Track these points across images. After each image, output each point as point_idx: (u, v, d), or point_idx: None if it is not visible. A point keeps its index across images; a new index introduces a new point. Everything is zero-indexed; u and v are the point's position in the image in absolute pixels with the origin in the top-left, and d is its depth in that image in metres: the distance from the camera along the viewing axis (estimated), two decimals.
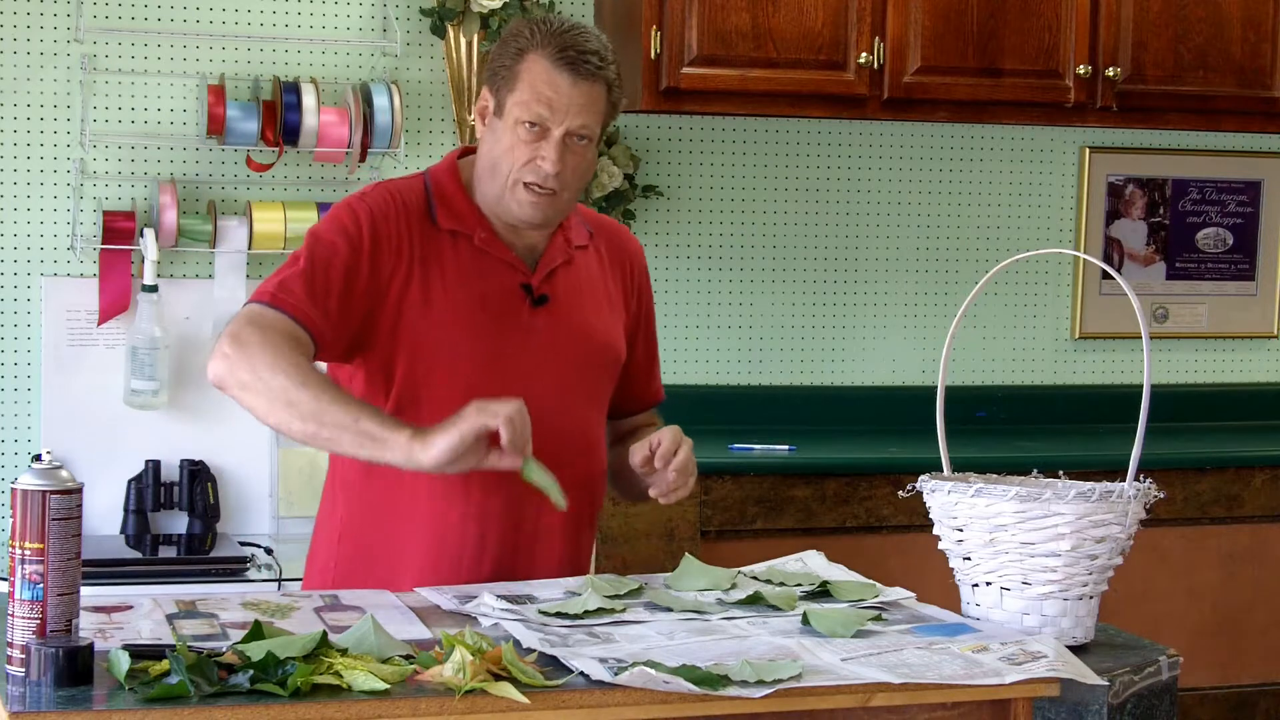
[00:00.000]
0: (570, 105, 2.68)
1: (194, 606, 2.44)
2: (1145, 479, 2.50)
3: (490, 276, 2.73)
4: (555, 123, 2.67)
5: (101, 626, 2.30)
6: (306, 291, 2.61)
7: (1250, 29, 4.77)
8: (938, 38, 4.52)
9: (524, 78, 2.68)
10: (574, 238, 2.82)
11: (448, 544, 2.71)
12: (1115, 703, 2.38)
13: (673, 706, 2.12)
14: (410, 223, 2.72)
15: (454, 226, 2.73)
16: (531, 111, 2.67)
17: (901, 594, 2.62)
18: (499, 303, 2.73)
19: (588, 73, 2.68)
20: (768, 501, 4.24)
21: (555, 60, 2.67)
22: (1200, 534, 4.64)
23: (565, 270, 2.79)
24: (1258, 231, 5.25)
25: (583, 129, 2.69)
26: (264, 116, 4.30)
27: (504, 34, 2.77)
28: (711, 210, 4.80)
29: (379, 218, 2.69)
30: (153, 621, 2.35)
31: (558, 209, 2.74)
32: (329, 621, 2.36)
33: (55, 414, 4.27)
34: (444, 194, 2.76)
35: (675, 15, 4.35)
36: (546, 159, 2.67)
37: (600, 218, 2.96)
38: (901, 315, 4.98)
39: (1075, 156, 5.09)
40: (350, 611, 2.44)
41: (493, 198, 2.73)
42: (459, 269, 2.72)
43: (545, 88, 2.67)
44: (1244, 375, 5.29)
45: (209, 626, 2.33)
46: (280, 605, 2.46)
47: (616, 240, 2.92)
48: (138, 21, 4.34)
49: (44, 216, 4.32)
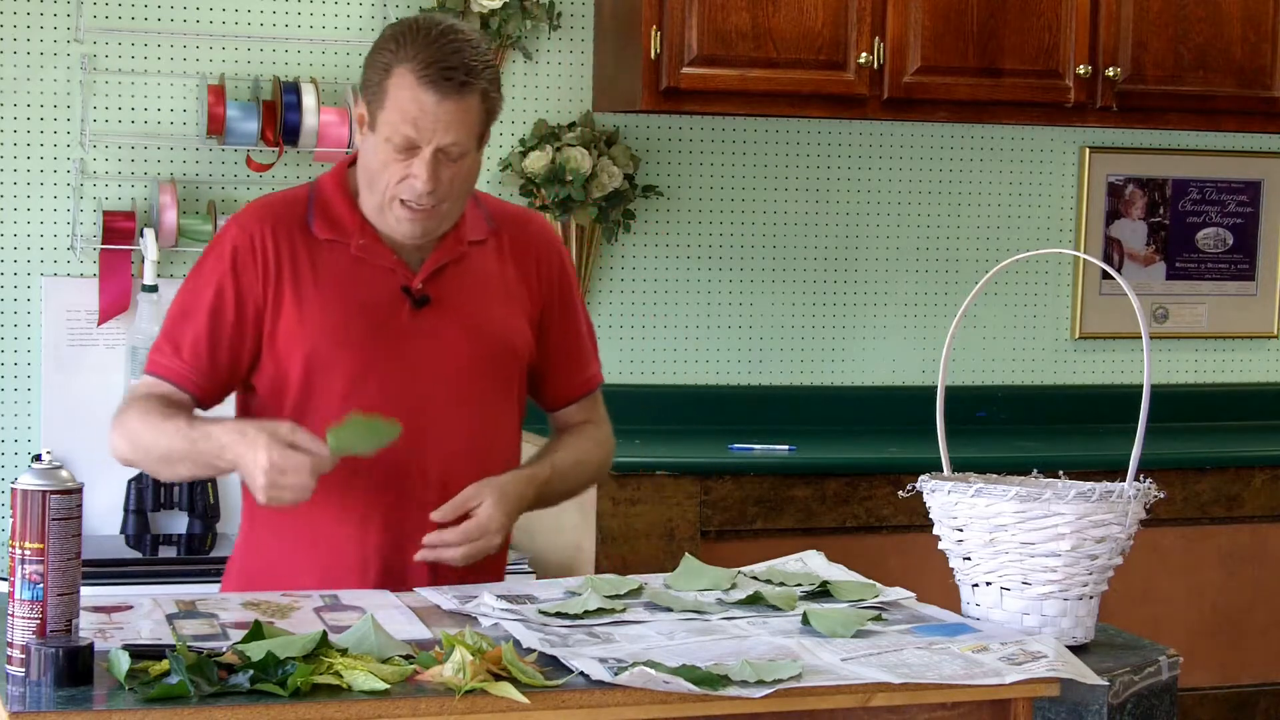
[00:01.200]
0: (437, 124, 2.62)
1: (194, 606, 2.44)
2: (1145, 479, 2.50)
3: (367, 283, 2.72)
4: (424, 141, 2.62)
5: (101, 626, 2.30)
6: (174, 349, 2.72)
7: (1250, 29, 4.77)
8: (938, 38, 4.52)
9: (391, 95, 2.63)
10: (468, 234, 2.79)
11: (335, 553, 2.71)
12: (1115, 703, 2.38)
13: (673, 706, 2.12)
14: (280, 239, 2.72)
15: (330, 236, 2.74)
16: (398, 132, 2.62)
17: (901, 594, 2.63)
18: (376, 309, 2.71)
19: (454, 89, 2.61)
20: (768, 501, 4.24)
21: (420, 78, 2.60)
22: (1200, 534, 4.63)
23: (456, 268, 2.77)
24: (1258, 231, 5.25)
25: (453, 145, 2.64)
26: (264, 116, 4.31)
27: (375, 43, 2.71)
28: (711, 210, 4.80)
29: (241, 248, 2.72)
30: (152, 621, 2.35)
31: (438, 222, 2.72)
32: (329, 621, 2.36)
33: (55, 414, 4.27)
34: (326, 204, 2.76)
35: (675, 15, 4.35)
36: (418, 178, 2.63)
37: (510, 209, 2.92)
38: (901, 315, 4.98)
39: (1075, 156, 5.09)
40: (350, 611, 2.44)
41: (374, 210, 2.72)
42: (334, 278, 2.72)
43: (411, 106, 2.61)
44: (1244, 375, 5.29)
45: (209, 626, 2.33)
46: (280, 605, 2.46)
47: (523, 231, 2.87)
48: (138, 21, 4.34)
49: (44, 216, 4.32)
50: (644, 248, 4.75)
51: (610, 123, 4.67)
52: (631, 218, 4.65)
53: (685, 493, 4.18)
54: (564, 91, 4.64)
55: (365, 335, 2.71)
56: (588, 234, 4.59)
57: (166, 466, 2.72)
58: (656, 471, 4.17)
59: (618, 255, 4.72)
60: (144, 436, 2.68)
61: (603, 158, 4.54)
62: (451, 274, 2.77)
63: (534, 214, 2.99)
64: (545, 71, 4.63)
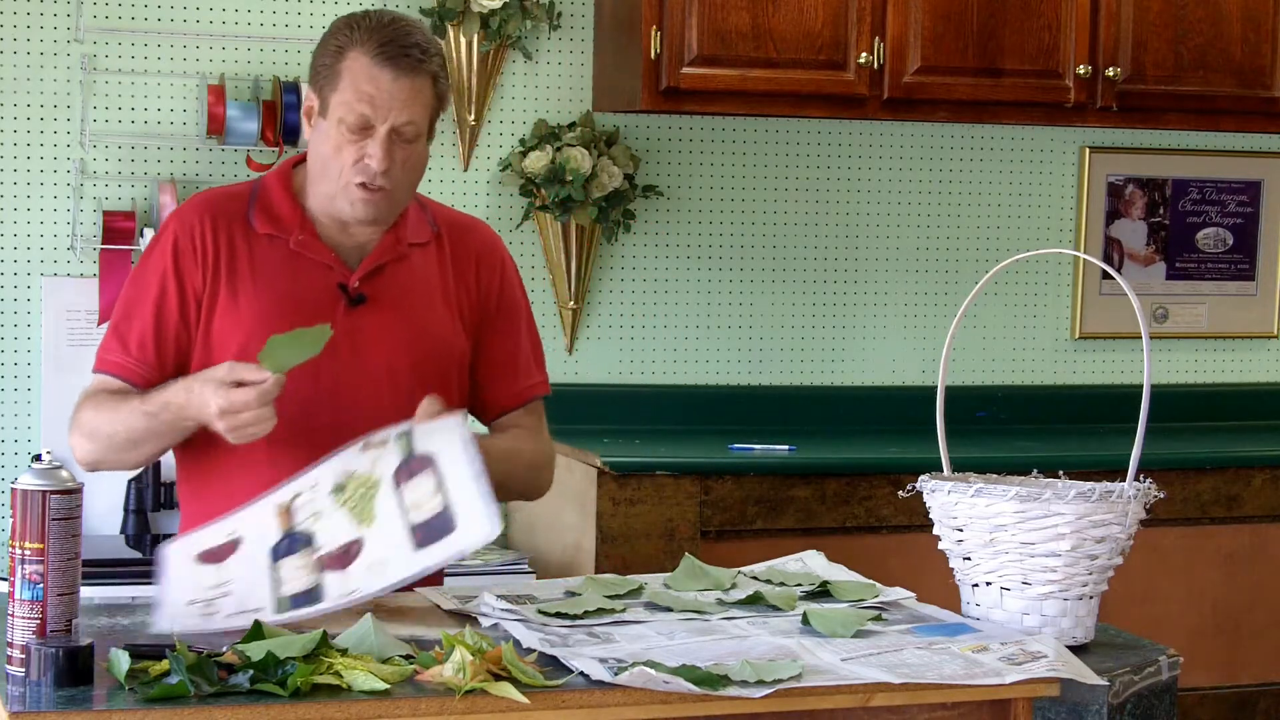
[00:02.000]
0: (393, 101, 2.65)
1: (290, 520, 2.50)
2: (1145, 479, 2.50)
3: (303, 278, 2.73)
4: (379, 119, 2.65)
5: (211, 598, 2.39)
6: (121, 345, 2.73)
7: (1250, 29, 4.76)
8: (938, 38, 4.52)
9: (345, 76, 2.67)
10: (409, 235, 2.79)
11: None
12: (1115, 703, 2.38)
13: (673, 706, 2.12)
14: (220, 231, 2.73)
15: (269, 230, 2.75)
16: (354, 110, 2.65)
17: (901, 594, 2.63)
18: (310, 304, 2.71)
19: (409, 67, 2.66)
20: (768, 501, 4.24)
21: (375, 56, 2.65)
22: (1200, 534, 4.63)
23: (395, 268, 2.77)
24: (1258, 231, 5.25)
25: (408, 125, 2.67)
26: (264, 116, 4.31)
27: (325, 33, 2.75)
28: (711, 210, 4.80)
29: (182, 240, 2.73)
30: (258, 584, 2.40)
31: (391, 206, 2.73)
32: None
33: (55, 414, 4.27)
34: (267, 199, 2.77)
35: (675, 15, 4.35)
36: (373, 157, 2.66)
37: (455, 216, 2.93)
38: (901, 315, 4.98)
39: (1075, 156, 5.09)
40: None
41: (325, 197, 2.73)
42: (270, 272, 2.73)
43: (367, 85, 2.65)
44: (1244, 375, 5.29)
45: (307, 561, 2.40)
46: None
47: (465, 238, 2.87)
48: (138, 21, 4.34)
49: (44, 216, 4.32)
50: (644, 248, 4.75)
51: (610, 123, 4.67)
52: (631, 218, 4.65)
53: (685, 493, 4.18)
54: (564, 91, 4.64)
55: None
56: (588, 234, 4.59)
57: (132, 451, 2.71)
58: (656, 471, 4.17)
59: (618, 255, 4.72)
60: (103, 427, 2.68)
61: (603, 158, 4.54)
62: (390, 274, 2.77)
63: (479, 222, 2.96)
64: (545, 71, 4.63)
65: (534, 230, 4.61)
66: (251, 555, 2.46)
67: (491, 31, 4.47)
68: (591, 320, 4.70)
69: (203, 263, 2.72)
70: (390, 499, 2.45)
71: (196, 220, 2.74)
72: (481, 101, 4.54)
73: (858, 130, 4.90)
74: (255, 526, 2.50)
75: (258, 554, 2.45)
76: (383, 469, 2.49)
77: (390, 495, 2.46)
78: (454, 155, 4.56)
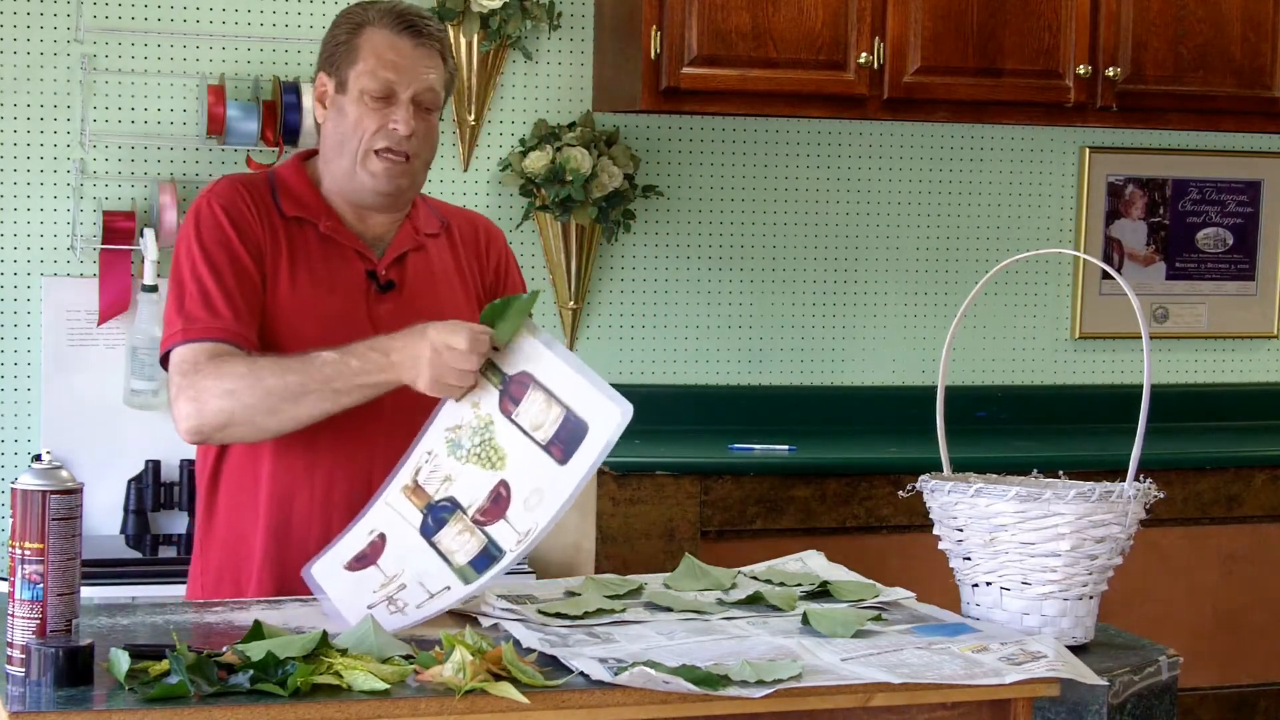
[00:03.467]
0: (416, 66, 2.71)
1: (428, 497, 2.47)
2: (1145, 479, 2.50)
3: (336, 263, 2.74)
4: (403, 86, 2.70)
5: (391, 595, 2.37)
6: (209, 312, 2.63)
7: (1250, 29, 4.77)
8: (938, 38, 4.52)
9: (365, 48, 2.71)
10: (424, 226, 2.83)
11: (299, 541, 2.67)
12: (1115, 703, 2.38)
13: (673, 707, 2.13)
14: (258, 211, 2.73)
15: (299, 214, 2.75)
16: (378, 78, 2.70)
17: (901, 594, 2.63)
18: (345, 289, 2.73)
19: (427, 36, 2.73)
20: (768, 501, 4.24)
21: (394, 26, 2.72)
22: (1200, 534, 4.64)
23: (416, 256, 2.80)
24: (1258, 231, 5.25)
25: (428, 92, 2.72)
26: (264, 116, 4.31)
27: (334, 20, 2.80)
28: (711, 210, 4.80)
29: (230, 209, 2.70)
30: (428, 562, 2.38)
31: (411, 178, 2.75)
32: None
33: (55, 414, 4.27)
34: (288, 185, 2.77)
35: (675, 15, 4.35)
36: (399, 122, 2.69)
37: (454, 208, 2.96)
38: (901, 315, 4.98)
39: (1075, 156, 5.09)
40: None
41: (343, 174, 2.74)
42: (306, 256, 2.73)
43: (389, 53, 2.70)
44: (1244, 375, 5.29)
45: (461, 524, 2.39)
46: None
47: (473, 228, 2.91)
48: (138, 21, 4.34)
49: (44, 216, 4.32)
50: (644, 248, 4.75)
51: (610, 123, 4.67)
52: (631, 218, 4.65)
53: (685, 493, 4.18)
54: (564, 91, 4.64)
55: (335, 314, 2.70)
56: (588, 234, 4.59)
57: (289, 405, 2.55)
58: (656, 471, 4.17)
59: (618, 255, 4.72)
60: (262, 380, 2.55)
61: (603, 158, 4.54)
62: (412, 262, 2.79)
63: (478, 215, 3.00)
64: (545, 71, 4.63)
65: (534, 230, 4.61)
66: (404, 544, 2.42)
67: (491, 31, 4.47)
68: (591, 320, 4.70)
69: (255, 233, 2.70)
70: (510, 430, 2.42)
71: (238, 196, 2.73)
72: (481, 101, 4.54)
73: (857, 130, 4.90)
74: (392, 516, 2.46)
75: (410, 539, 2.42)
76: (487, 406, 2.45)
77: (508, 426, 2.42)
78: (454, 155, 4.56)
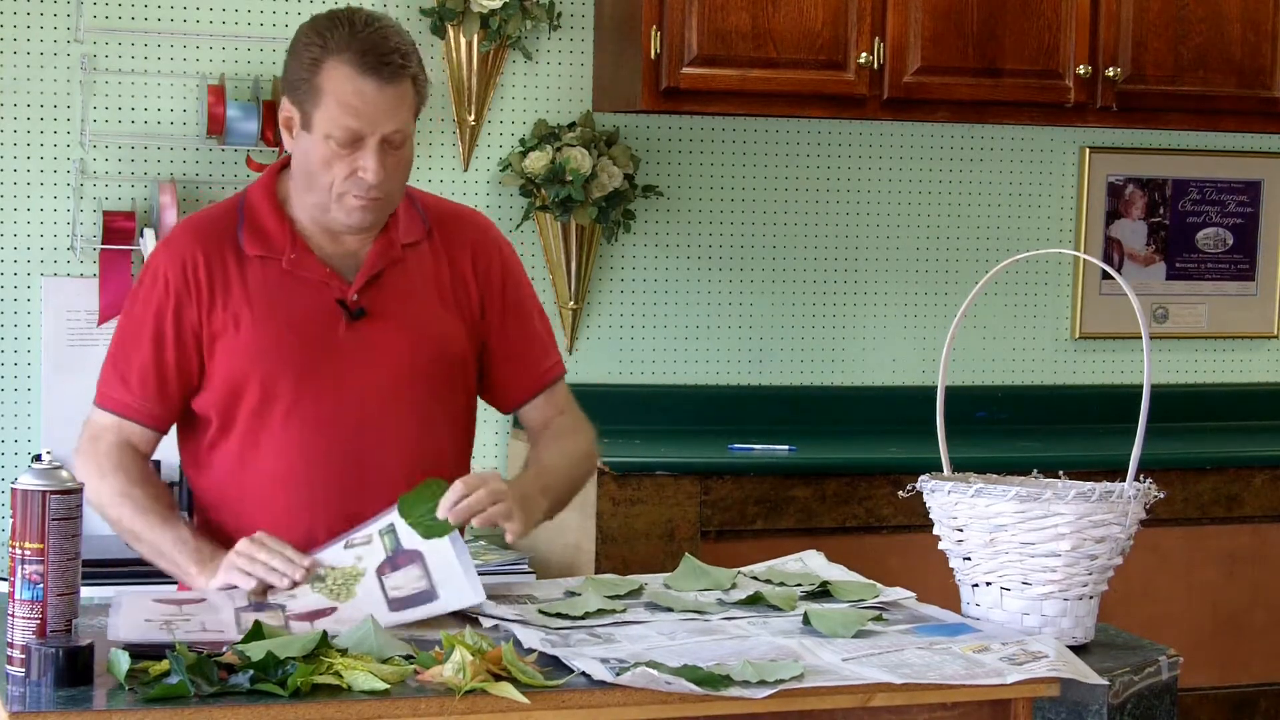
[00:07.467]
0: (380, 112, 2.59)
1: (264, 598, 2.47)
2: (1145, 479, 2.50)
3: (300, 298, 2.69)
4: (369, 131, 2.59)
5: (169, 618, 2.31)
6: (123, 382, 2.72)
7: (1250, 29, 4.76)
8: (938, 38, 4.52)
9: (327, 89, 2.59)
10: (402, 236, 2.75)
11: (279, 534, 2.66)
12: (1115, 703, 2.38)
13: (674, 707, 2.13)
14: (212, 260, 2.69)
15: (260, 252, 2.70)
16: (341, 126, 2.58)
17: (901, 594, 2.63)
18: (310, 323, 2.68)
19: (391, 75, 2.59)
20: (768, 501, 4.24)
21: (358, 67, 2.58)
22: (1200, 534, 4.63)
23: (392, 273, 2.73)
24: (1258, 231, 5.25)
25: (396, 133, 2.61)
26: (264, 116, 4.31)
27: (295, 40, 2.66)
28: (711, 210, 4.80)
29: (174, 274, 2.69)
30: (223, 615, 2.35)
31: (386, 209, 2.70)
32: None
33: (55, 414, 4.27)
34: (255, 217, 2.72)
35: (675, 15, 4.35)
36: (367, 170, 2.60)
37: (447, 206, 2.88)
38: (901, 315, 4.97)
39: (1075, 156, 5.09)
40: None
41: (314, 207, 2.68)
42: (266, 295, 2.68)
43: (353, 98, 2.58)
44: (1244, 375, 5.29)
45: (276, 619, 2.33)
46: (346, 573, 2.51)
47: (457, 229, 2.82)
48: (138, 21, 4.34)
49: (44, 216, 4.32)
50: (644, 248, 4.75)
51: (610, 123, 4.67)
52: (631, 218, 4.65)
53: (685, 493, 4.18)
54: (564, 91, 4.64)
55: (298, 353, 2.67)
56: (588, 234, 4.59)
57: (120, 533, 2.77)
58: (656, 471, 4.17)
59: (618, 255, 4.72)
60: (107, 510, 2.74)
61: (603, 158, 4.54)
62: (387, 280, 2.73)
63: (471, 211, 2.91)
64: (545, 71, 4.63)
65: (534, 230, 4.61)
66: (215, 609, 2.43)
67: (491, 31, 4.47)
68: (591, 320, 4.70)
69: (197, 298, 2.68)
70: (372, 582, 2.48)
71: (187, 253, 2.70)
72: (481, 101, 4.54)
73: (858, 130, 4.90)
74: (220, 595, 2.51)
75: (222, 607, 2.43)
76: (368, 563, 2.51)
77: (372, 579, 2.49)
78: (454, 155, 4.56)
